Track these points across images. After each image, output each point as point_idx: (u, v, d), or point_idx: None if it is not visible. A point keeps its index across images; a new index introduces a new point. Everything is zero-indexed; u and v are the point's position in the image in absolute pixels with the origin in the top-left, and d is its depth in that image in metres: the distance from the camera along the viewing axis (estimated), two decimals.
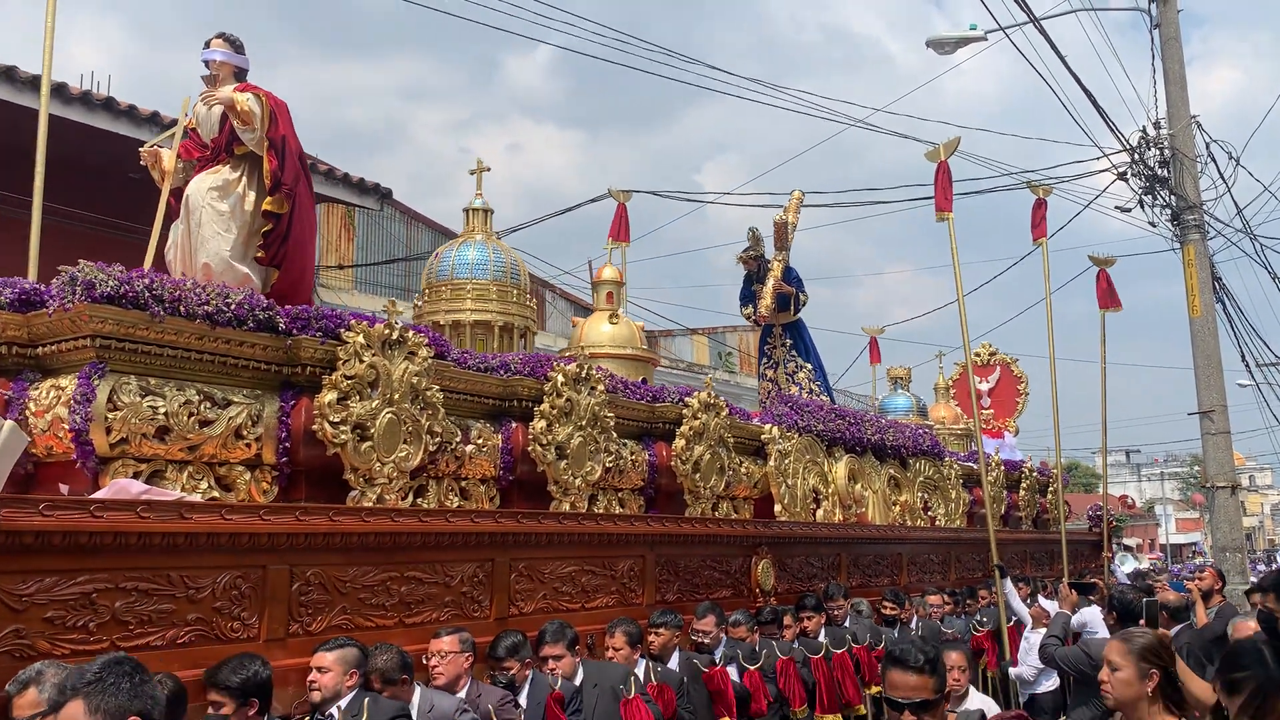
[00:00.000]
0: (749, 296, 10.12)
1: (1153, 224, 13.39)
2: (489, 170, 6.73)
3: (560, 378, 5.69)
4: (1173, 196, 13.12)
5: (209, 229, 4.84)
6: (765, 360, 10.37)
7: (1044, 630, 8.71)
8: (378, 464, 4.64)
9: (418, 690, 4.33)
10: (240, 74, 5.21)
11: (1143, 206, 13.34)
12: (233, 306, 4.21)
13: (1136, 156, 13.21)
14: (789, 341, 10.16)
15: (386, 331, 4.70)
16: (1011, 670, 8.72)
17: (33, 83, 8.19)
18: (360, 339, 4.57)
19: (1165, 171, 13.23)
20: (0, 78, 8.43)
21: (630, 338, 7.77)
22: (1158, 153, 13.25)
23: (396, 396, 4.71)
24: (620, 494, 6.57)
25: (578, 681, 5.07)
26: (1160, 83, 13.29)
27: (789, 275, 10.02)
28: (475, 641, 4.62)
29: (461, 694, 4.51)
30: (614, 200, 9.76)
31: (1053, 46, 12.46)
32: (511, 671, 4.76)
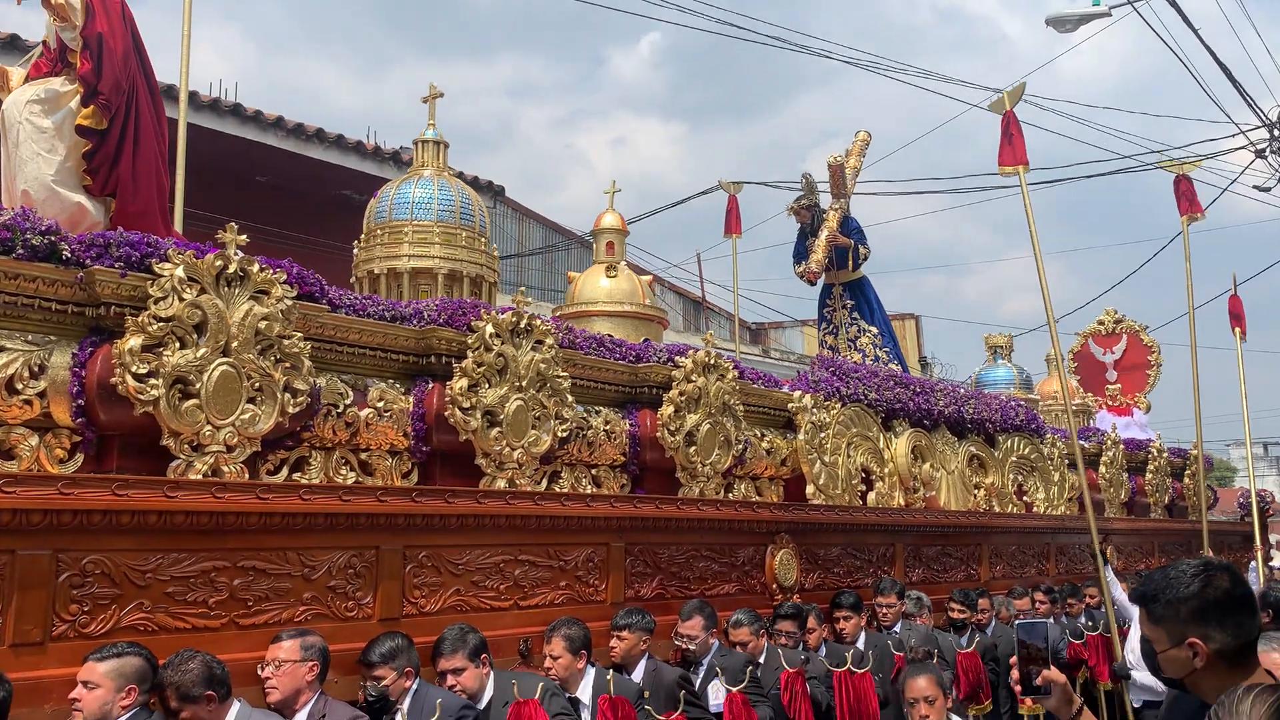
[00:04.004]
0: (802, 252, 8.87)
1: None
2: (441, 95, 5.76)
3: (489, 329, 4.70)
4: None
5: (28, 149, 4.05)
6: (824, 325, 9.10)
7: None
8: (209, 428, 3.75)
9: (234, 708, 3.43)
10: None
11: None
12: None
13: (1276, 133, 12.63)
14: (850, 302, 8.86)
15: (220, 264, 3.81)
16: (1137, 675, 7.33)
17: (167, 92, 8.50)
18: (180, 273, 3.69)
19: None
20: None
21: (631, 293, 6.71)
22: None
23: (235, 345, 3.81)
24: (595, 471, 5.55)
25: (486, 699, 4.10)
26: None
27: (847, 226, 8.73)
28: (328, 648, 3.71)
29: (302, 713, 3.61)
30: (724, 192, 9.38)
31: (1185, 19, 11.00)
32: (385, 682, 3.83)
